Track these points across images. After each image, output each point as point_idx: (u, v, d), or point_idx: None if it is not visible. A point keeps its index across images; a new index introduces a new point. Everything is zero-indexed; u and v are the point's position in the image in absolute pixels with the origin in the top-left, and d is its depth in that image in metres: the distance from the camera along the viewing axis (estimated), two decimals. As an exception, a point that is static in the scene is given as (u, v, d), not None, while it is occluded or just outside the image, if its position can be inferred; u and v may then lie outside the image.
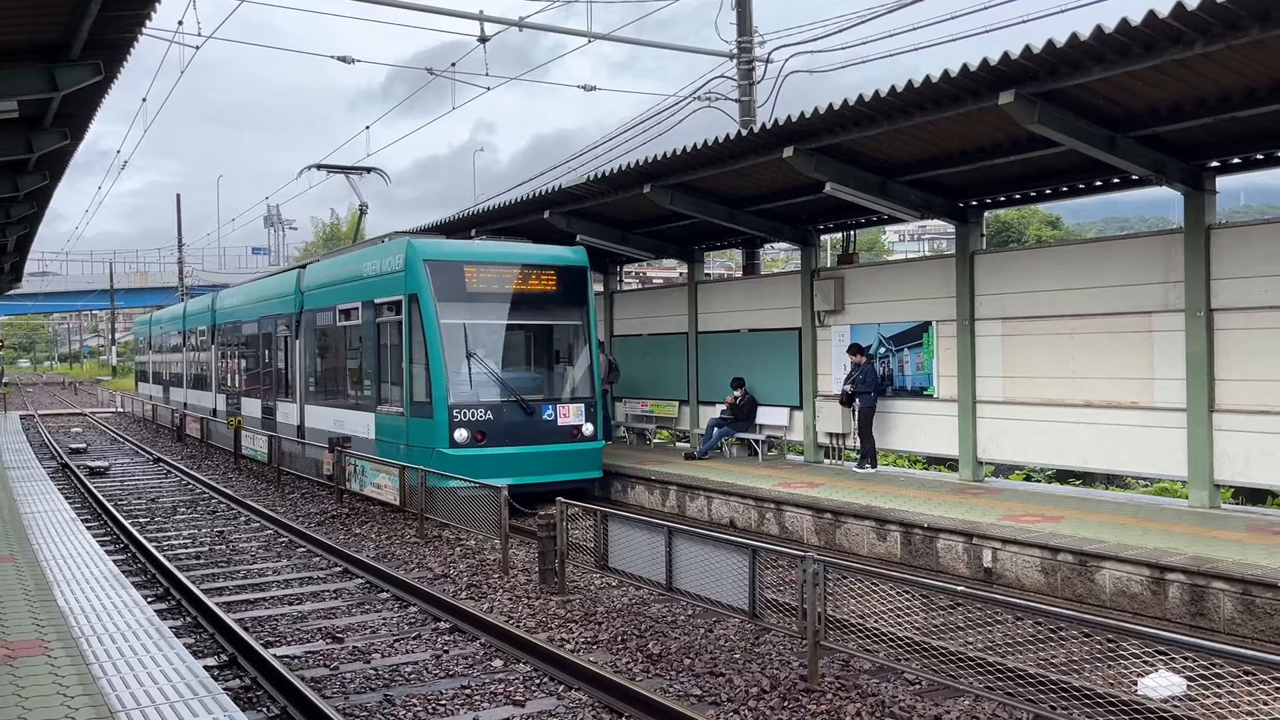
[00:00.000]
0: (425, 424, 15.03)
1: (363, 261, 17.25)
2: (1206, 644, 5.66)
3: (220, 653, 8.31)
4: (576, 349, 16.33)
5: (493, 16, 17.69)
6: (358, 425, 17.29)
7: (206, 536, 13.97)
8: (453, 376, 14.87)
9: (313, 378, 20.03)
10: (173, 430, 30.51)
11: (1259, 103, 9.85)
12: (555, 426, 15.49)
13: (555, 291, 16.09)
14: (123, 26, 8.94)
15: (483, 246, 16.40)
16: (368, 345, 16.95)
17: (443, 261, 15.38)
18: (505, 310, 15.77)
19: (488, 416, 14.95)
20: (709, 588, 8.40)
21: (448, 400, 14.76)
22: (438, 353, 14.84)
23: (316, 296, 19.66)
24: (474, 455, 14.60)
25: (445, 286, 15.17)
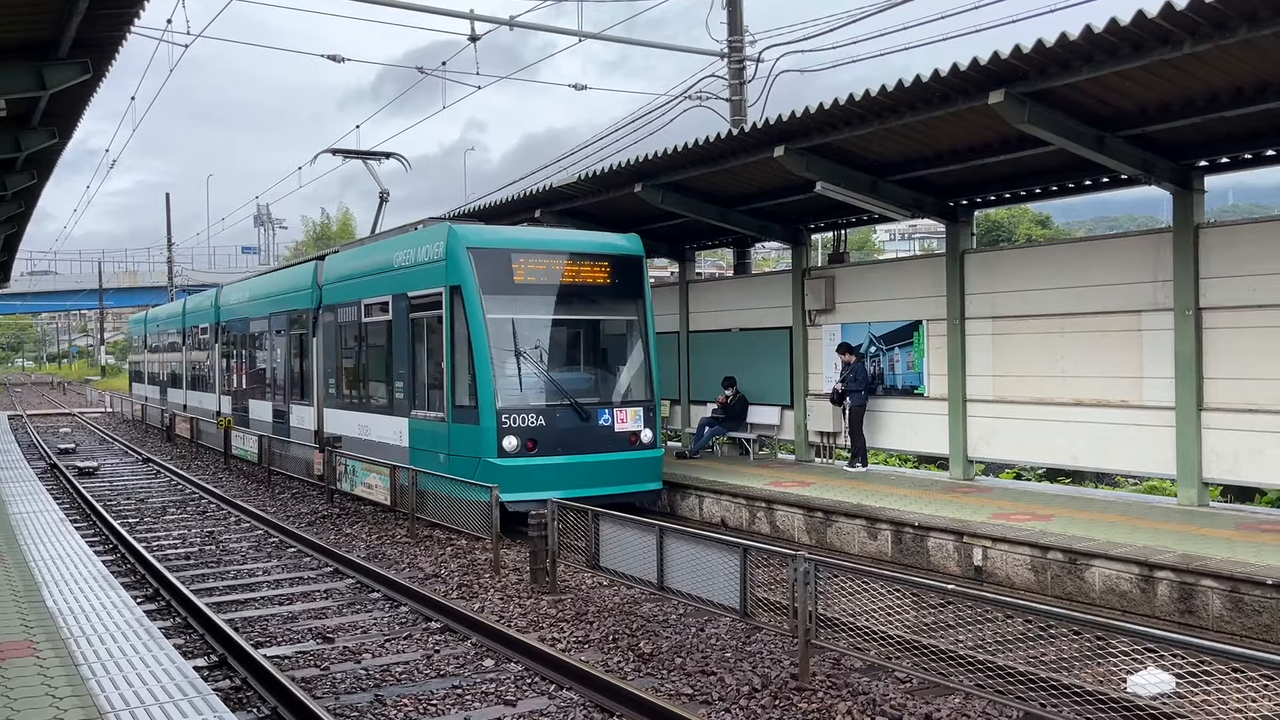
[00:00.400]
0: (470, 430, 13.49)
1: (393, 251, 15.73)
2: (1195, 641, 5.68)
3: (210, 653, 8.28)
4: (633, 347, 14.77)
5: (483, 15, 17.69)
6: (388, 431, 15.69)
7: (196, 537, 13.92)
8: (501, 378, 13.38)
9: (333, 379, 18.35)
10: (162, 430, 30.40)
11: (1247, 102, 9.89)
12: (612, 433, 13.94)
13: (609, 283, 14.47)
14: (111, 25, 8.91)
15: (530, 233, 15.06)
16: (399, 343, 15.38)
17: (488, 249, 13.77)
18: (556, 304, 14.23)
19: (539, 422, 13.43)
20: (700, 587, 8.41)
21: (496, 404, 13.20)
22: (484, 351, 13.28)
23: (338, 290, 17.99)
24: (524, 466, 13.16)
25: (491, 277, 13.58)
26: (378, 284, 16.16)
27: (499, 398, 13.25)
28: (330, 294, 18.35)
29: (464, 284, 13.51)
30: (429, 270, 14.34)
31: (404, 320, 15.16)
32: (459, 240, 13.76)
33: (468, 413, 13.55)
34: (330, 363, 18.39)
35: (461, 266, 13.59)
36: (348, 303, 17.47)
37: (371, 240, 18.26)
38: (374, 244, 17.49)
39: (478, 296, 13.43)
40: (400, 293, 15.25)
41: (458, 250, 13.69)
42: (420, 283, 14.62)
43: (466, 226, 14.48)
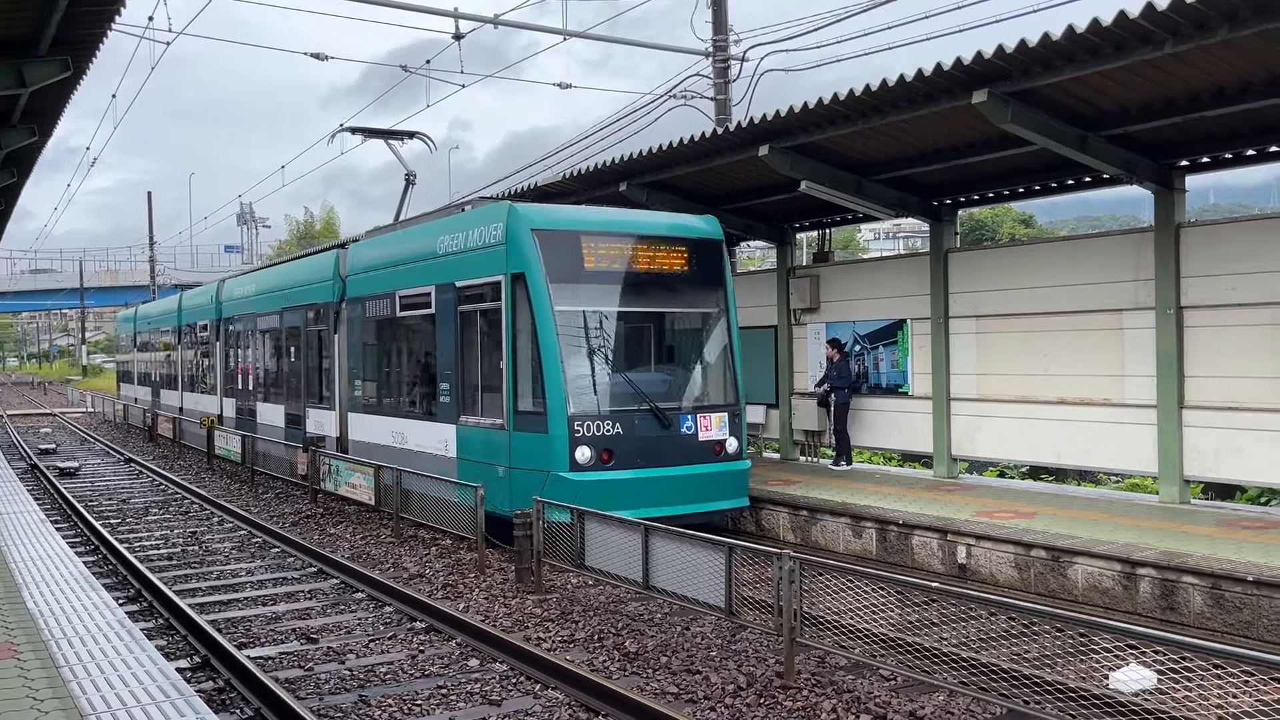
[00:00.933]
0: (536, 440, 11.75)
1: (436, 236, 13.98)
2: (1176, 638, 5.73)
3: (193, 654, 8.23)
4: (715, 343, 13.15)
5: (467, 14, 17.64)
6: (429, 440, 13.95)
7: (179, 537, 13.84)
8: (573, 379, 11.72)
9: (359, 380, 16.55)
10: (144, 430, 30.21)
11: (1228, 102, 9.96)
12: (695, 442, 12.26)
13: (689, 271, 12.86)
14: (92, 22, 8.85)
15: (598, 213, 13.20)
16: (444, 339, 13.66)
17: (555, 231, 12.07)
18: (630, 294, 12.57)
19: (615, 430, 11.73)
20: (686, 585, 8.41)
21: (567, 409, 11.52)
22: (552, 348, 11.61)
23: (365, 281, 16.23)
24: (600, 481, 11.49)
25: (559, 263, 11.93)
26: (416, 273, 14.45)
27: (570, 402, 11.57)
28: (356, 285, 16.63)
29: (528, 271, 11.83)
30: (484, 256, 12.62)
31: (450, 313, 13.47)
32: (522, 221, 12.06)
33: (533, 419, 11.82)
34: (356, 362, 16.72)
35: (525, 251, 11.90)
36: (378, 295, 15.72)
37: (405, 225, 16.25)
38: (410, 229, 15.60)
39: (545, 285, 11.74)
40: (445, 282, 13.55)
41: (520, 233, 11.99)
42: (472, 270, 12.91)
43: (529, 206, 12.72)
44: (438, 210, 16.04)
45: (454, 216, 14.04)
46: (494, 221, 12.48)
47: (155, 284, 58.88)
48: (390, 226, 16.89)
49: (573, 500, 10.43)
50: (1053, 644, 7.85)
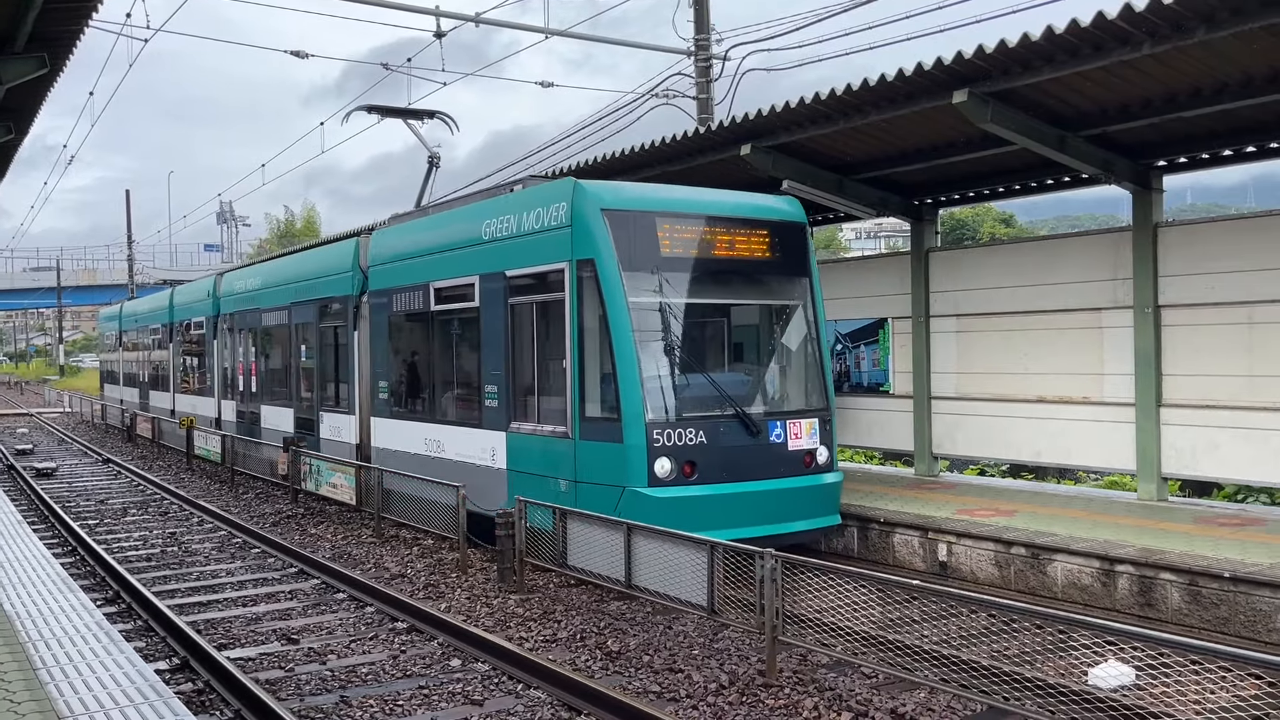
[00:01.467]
0: (609, 451, 10.33)
1: (481, 220, 12.49)
2: (1154, 634, 5.77)
3: (172, 656, 8.18)
4: (801, 339, 11.76)
5: (449, 12, 17.59)
6: (472, 448, 12.54)
7: (158, 538, 13.74)
8: (651, 380, 10.34)
9: (384, 382, 15.06)
10: (122, 430, 29.97)
11: (1204, 103, 10.05)
12: (785, 452, 10.85)
13: (772, 257, 11.51)
14: (68, 19, 8.78)
15: (674, 192, 11.65)
16: (491, 336, 12.17)
17: (628, 212, 10.71)
18: (711, 284, 11.30)
19: (699, 439, 10.36)
20: (668, 584, 8.42)
21: (644, 415, 10.12)
22: (628, 346, 10.22)
23: (391, 272, 14.75)
24: (684, 498, 10.11)
25: (633, 249, 10.58)
26: (456, 262, 13.00)
27: (648, 407, 10.19)
28: (380, 277, 15.08)
29: (599, 257, 10.44)
30: (543, 241, 11.20)
31: (498, 306, 12.02)
32: (590, 200, 10.67)
33: (604, 427, 10.40)
34: (380, 362, 15.20)
35: (595, 235, 10.50)
36: (407, 287, 14.23)
37: (440, 208, 14.88)
38: (447, 213, 14.08)
39: (618, 273, 10.38)
40: (493, 272, 12.13)
41: (588, 213, 10.60)
42: (527, 258, 11.50)
43: (597, 183, 11.17)
44: (480, 191, 14.42)
45: (502, 198, 12.56)
46: (556, 201, 11.01)
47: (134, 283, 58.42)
48: (419, 211, 15.50)
49: (651, 520, 9.21)
50: (1032, 641, 7.90)
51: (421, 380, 14.36)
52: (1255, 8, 8.10)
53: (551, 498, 10.50)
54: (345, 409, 16.24)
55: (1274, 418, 10.61)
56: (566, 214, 10.83)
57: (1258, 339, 10.81)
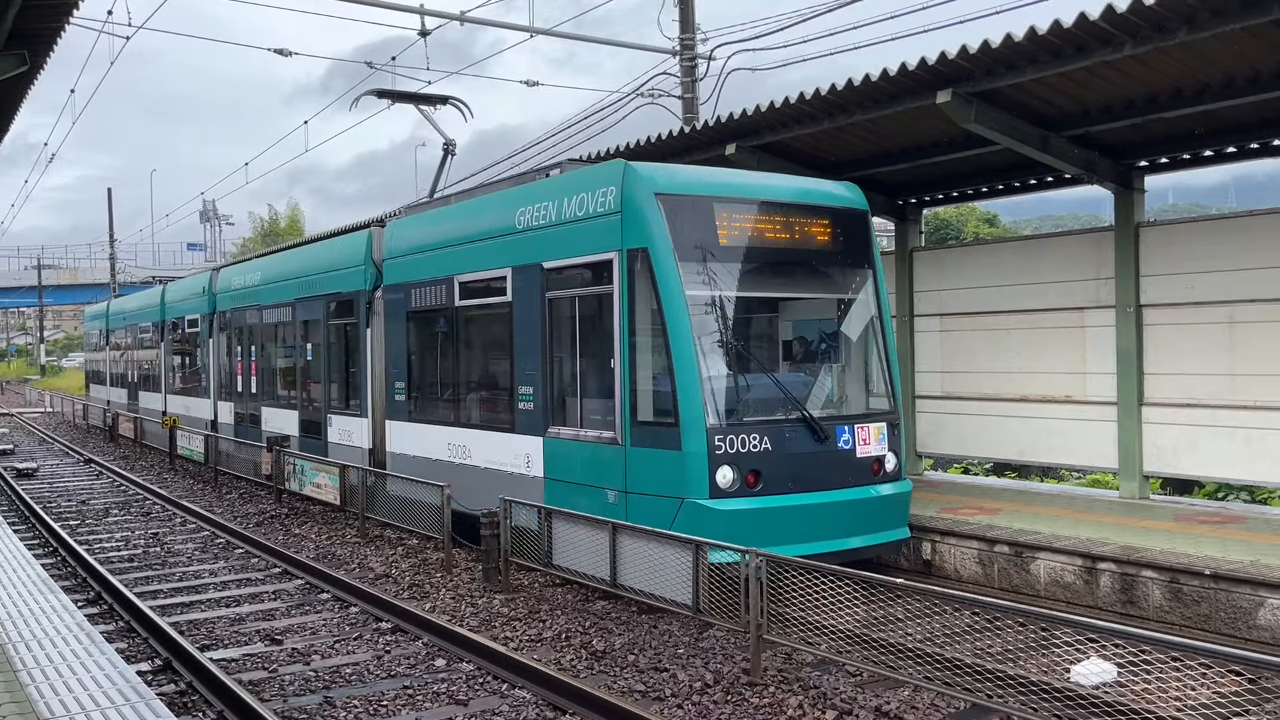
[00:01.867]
0: (665, 459, 9.43)
1: (515, 207, 11.54)
2: (1135, 631, 5.82)
3: (154, 657, 8.14)
4: (866, 335, 10.87)
5: (433, 10, 17.55)
6: (503, 455, 11.57)
7: (140, 539, 13.66)
8: (711, 381, 9.43)
9: (401, 383, 14.02)
10: (105, 430, 29.78)
11: (1185, 104, 10.13)
12: (853, 460, 10.01)
13: (835, 247, 10.64)
14: (49, 16, 8.73)
15: (731, 175, 10.81)
16: (525, 333, 11.23)
17: (685, 198, 9.82)
18: (772, 276, 10.46)
19: (764, 445, 9.43)
20: (653, 583, 8.42)
21: (704, 419, 9.21)
22: (686, 343, 9.32)
23: (409, 265, 13.75)
24: (748, 511, 9.22)
25: (690, 237, 9.69)
26: (485, 253, 12.06)
27: (708, 411, 9.28)
28: (396, 270, 14.08)
29: (653, 246, 9.54)
30: (589, 229, 10.28)
31: (534, 301, 11.08)
32: (643, 183, 9.75)
33: (659, 432, 9.52)
34: (397, 362, 14.14)
35: (648, 221, 9.60)
36: (427, 281, 13.24)
37: (465, 196, 13.76)
38: (473, 200, 13.04)
39: (674, 264, 9.47)
40: (528, 263, 11.18)
41: (641, 198, 9.69)
42: (568, 247, 10.62)
43: (650, 165, 10.26)
44: (510, 177, 13.41)
45: (538, 183, 11.59)
46: (603, 185, 10.09)
47: (115, 281, 58.06)
48: (438, 201, 14.53)
49: (712, 535, 8.42)
50: (1015, 638, 7.95)
51: (444, 381, 13.28)
52: (1236, 9, 8.17)
53: (597, 510, 9.67)
54: (356, 411, 15.30)
55: (1254, 416, 10.70)
56: (615, 199, 9.88)
57: (1238, 338, 10.90)
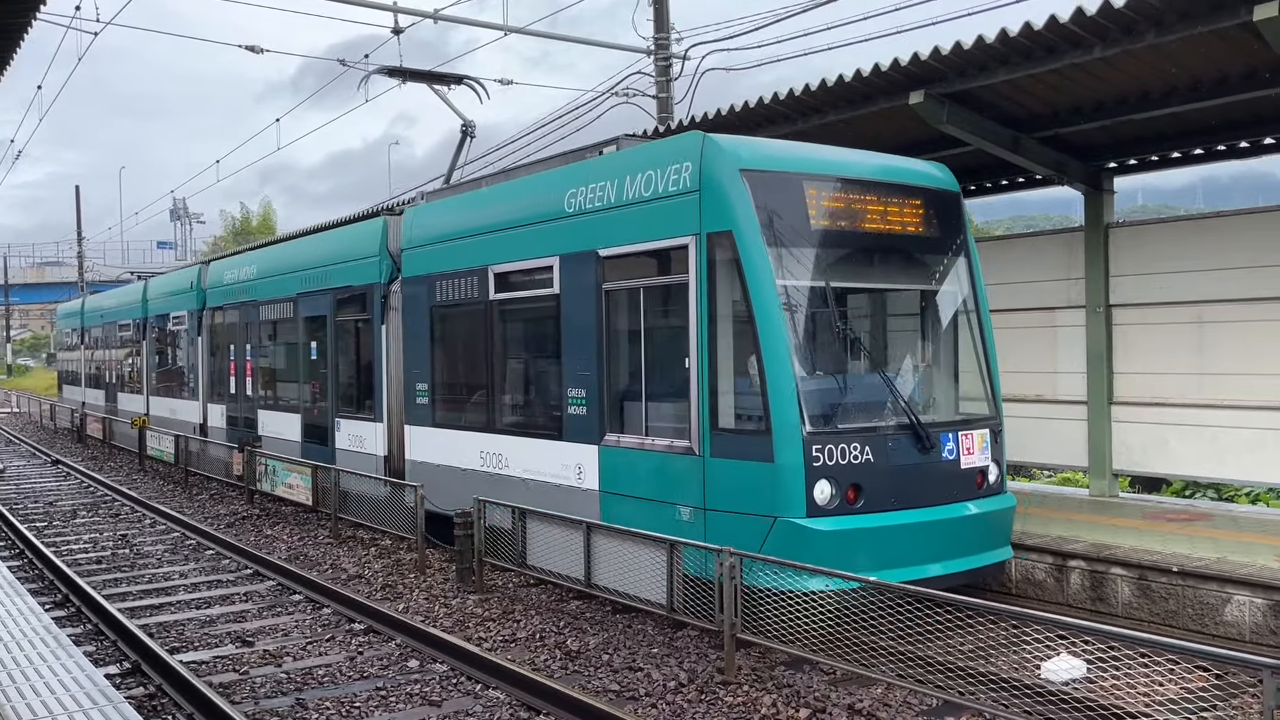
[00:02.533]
0: (753, 472, 8.23)
1: (563, 189, 10.32)
2: (1104, 628, 5.87)
3: (123, 660, 8.05)
4: (966, 331, 9.77)
5: (407, 8, 17.45)
6: (549, 465, 10.41)
7: (109, 540, 13.51)
8: (807, 382, 8.34)
9: (423, 384, 12.69)
10: (73, 431, 29.42)
11: (1153, 105, 10.24)
12: (957, 471, 8.90)
13: (928, 233, 9.48)
14: (15, 11, 8.61)
15: (817, 150, 9.57)
16: (576, 328, 10.10)
17: (773, 175, 8.64)
18: (867, 265, 9.37)
19: (865, 457, 8.30)
20: (628, 583, 8.43)
21: (801, 426, 8.05)
22: (779, 339, 8.16)
23: (432, 256, 12.53)
24: (851, 531, 8.11)
25: (780, 220, 8.55)
26: (527, 240, 10.84)
27: (805, 417, 8.10)
28: (417, 261, 12.86)
29: (738, 230, 8.35)
30: (658, 211, 9.12)
31: (588, 293, 9.91)
32: (726, 157, 8.57)
33: (746, 441, 8.38)
34: (418, 361, 12.86)
35: (732, 202, 8.42)
36: (457, 272, 12.01)
37: (500, 178, 12.49)
38: (515, 182, 11.76)
39: (764, 250, 8.31)
40: (581, 251, 10.00)
41: (723, 175, 8.52)
42: (632, 232, 9.45)
43: (729, 137, 9.01)
44: (555, 155, 11.93)
45: (592, 161, 10.41)
46: (675, 160, 8.96)
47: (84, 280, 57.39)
48: (467, 184, 13.33)
49: (810, 558, 7.52)
50: (986, 636, 8.00)
51: (476, 382, 11.99)
52: (1203, 12, 8.26)
53: (667, 528, 8.59)
54: (370, 415, 13.98)
55: (1221, 415, 10.84)
56: (693, 176, 8.74)
57: (1206, 338, 11.04)
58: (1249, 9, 7.94)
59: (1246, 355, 10.72)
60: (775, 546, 7.90)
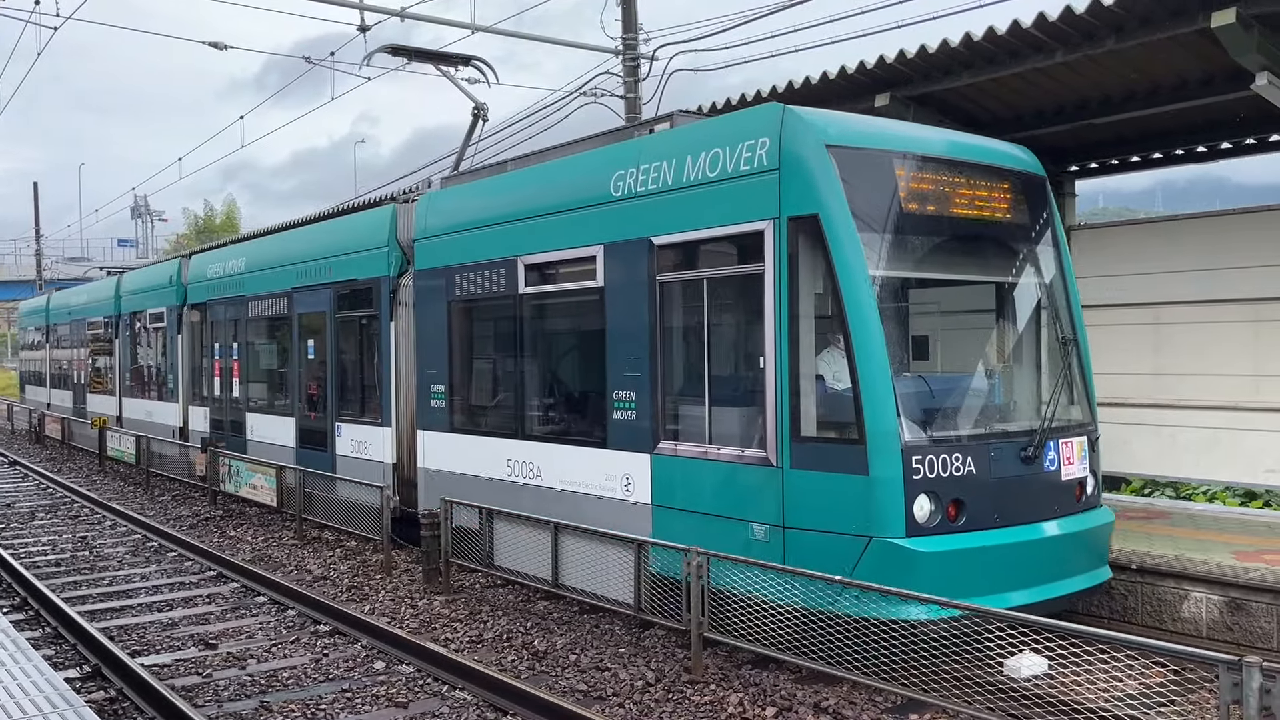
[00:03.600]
0: (842, 485, 7.33)
1: (609, 170, 9.32)
2: (1065, 625, 5.96)
3: (83, 664, 7.94)
4: (1061, 329, 8.75)
5: (373, 5, 17.33)
6: (590, 475, 9.44)
7: (68, 542, 13.31)
8: (905, 386, 7.66)
9: (441, 385, 11.58)
10: (30, 431, 28.94)
11: (1114, 110, 10.42)
12: (1058, 484, 8.04)
13: (1018, 219, 8.61)
14: (-29, 4, 8.45)
15: (904, 127, 8.76)
16: (625, 324, 9.11)
17: (860, 151, 7.70)
18: (961, 254, 8.51)
19: (967, 468, 7.42)
20: (595, 583, 8.44)
21: (900, 434, 7.19)
22: (874, 338, 7.26)
23: (452, 246, 11.45)
24: (956, 553, 7.24)
25: (870, 203, 7.61)
26: (565, 228, 9.84)
27: (904, 425, 7.25)
28: (432, 253, 11.83)
29: (825, 213, 7.40)
30: (727, 192, 8.12)
31: (639, 285, 8.93)
32: (810, 131, 7.63)
33: (834, 451, 7.48)
34: (433, 360, 11.79)
35: (818, 182, 7.48)
36: (480, 264, 10.97)
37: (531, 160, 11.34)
38: (550, 164, 10.68)
39: (856, 237, 7.38)
40: (630, 239, 9.03)
41: (808, 151, 7.56)
42: (695, 217, 8.42)
43: (813, 110, 8.04)
44: (593, 136, 10.74)
45: (644, 139, 9.41)
46: (749, 135, 7.97)
47: (41, 278, 56.48)
48: (491, 167, 12.22)
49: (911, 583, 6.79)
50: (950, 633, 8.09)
51: (502, 384, 11.03)
52: (1163, 17, 8.42)
53: (736, 547, 7.75)
54: (375, 419, 12.92)
55: (1178, 415, 11.04)
56: (770, 153, 7.77)
57: (1163, 339, 11.23)
58: (1207, 16, 8.11)
59: (1202, 356, 10.93)
60: (870, 570, 7.06)
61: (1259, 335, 10.77)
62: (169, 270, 20.57)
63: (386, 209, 13.25)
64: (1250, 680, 4.77)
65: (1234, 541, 9.32)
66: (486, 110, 14.56)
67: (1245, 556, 8.70)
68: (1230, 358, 10.80)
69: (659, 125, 9.59)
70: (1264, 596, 7.91)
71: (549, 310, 10.51)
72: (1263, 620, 7.92)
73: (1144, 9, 8.36)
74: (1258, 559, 8.60)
